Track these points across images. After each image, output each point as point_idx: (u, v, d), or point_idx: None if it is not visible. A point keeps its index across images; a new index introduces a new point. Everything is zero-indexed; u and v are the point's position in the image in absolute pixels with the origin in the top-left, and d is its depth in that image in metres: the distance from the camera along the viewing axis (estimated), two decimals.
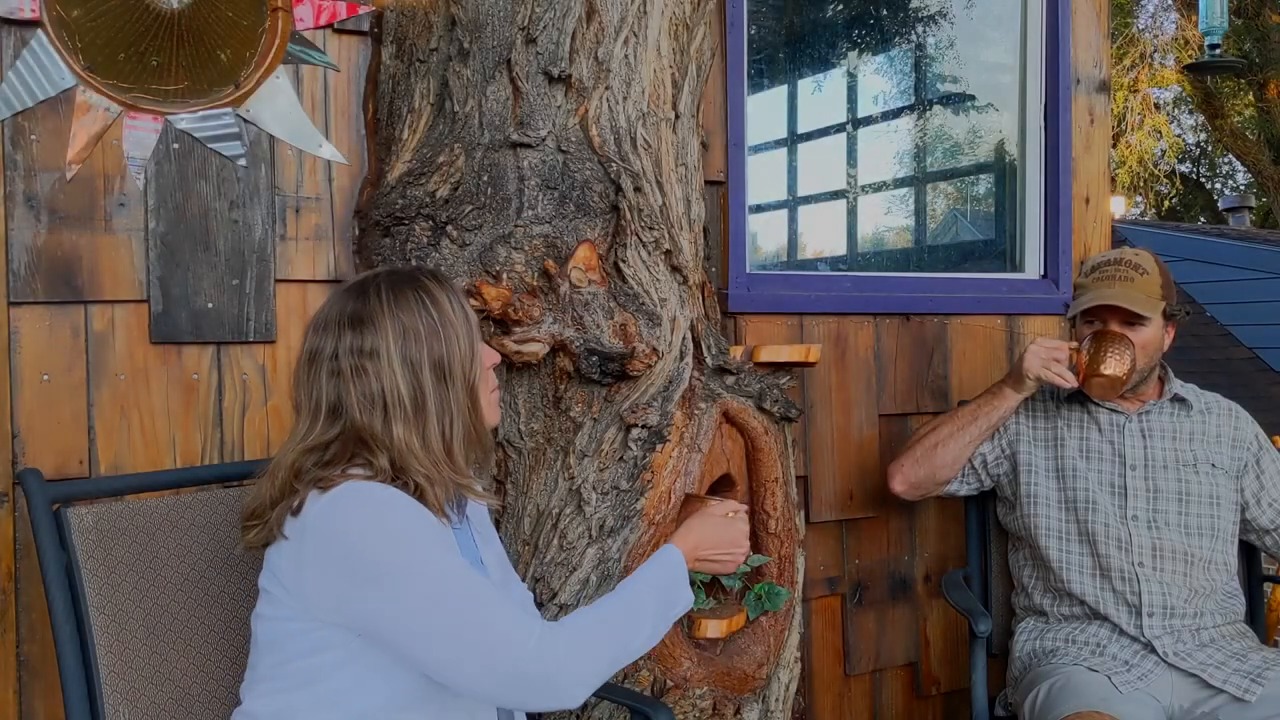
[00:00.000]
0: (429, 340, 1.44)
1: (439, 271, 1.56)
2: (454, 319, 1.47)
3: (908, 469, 2.37)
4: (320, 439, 1.44)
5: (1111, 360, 2.16)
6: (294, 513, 1.40)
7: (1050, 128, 3.02)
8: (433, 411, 1.44)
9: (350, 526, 1.37)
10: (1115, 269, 2.24)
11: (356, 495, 1.39)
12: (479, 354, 1.50)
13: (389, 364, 1.43)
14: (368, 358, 1.43)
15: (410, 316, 1.44)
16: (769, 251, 3.73)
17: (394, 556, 1.36)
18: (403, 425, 1.43)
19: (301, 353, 1.49)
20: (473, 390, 1.49)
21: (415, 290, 1.47)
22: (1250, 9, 11.90)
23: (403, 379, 1.43)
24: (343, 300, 1.48)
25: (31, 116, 1.88)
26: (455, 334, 1.47)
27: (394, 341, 1.43)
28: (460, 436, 1.47)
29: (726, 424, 2.15)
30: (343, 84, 2.13)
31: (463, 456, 1.48)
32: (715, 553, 1.66)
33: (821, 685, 2.70)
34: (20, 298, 1.87)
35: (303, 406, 1.47)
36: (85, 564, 1.66)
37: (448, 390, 1.46)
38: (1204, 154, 17.61)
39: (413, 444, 1.43)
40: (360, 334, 1.43)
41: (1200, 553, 2.19)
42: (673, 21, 2.14)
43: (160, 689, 1.68)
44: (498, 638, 1.35)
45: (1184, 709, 2.08)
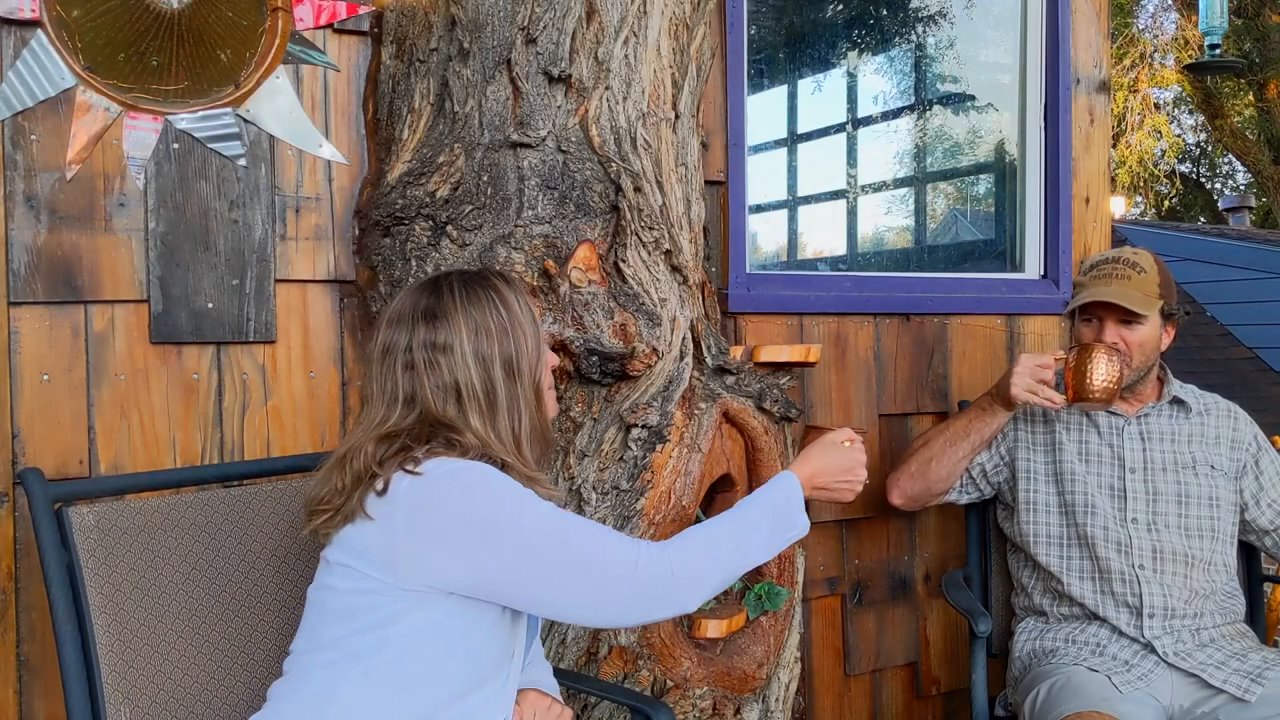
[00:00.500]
0: (499, 338, 1.51)
1: (508, 273, 1.64)
2: (522, 319, 1.55)
3: (904, 483, 2.38)
4: (396, 426, 1.49)
5: (1098, 377, 2.13)
6: (380, 493, 1.44)
7: (1050, 128, 3.02)
8: (503, 406, 1.51)
9: (450, 495, 1.43)
10: (1113, 267, 2.24)
11: (449, 468, 1.45)
12: (544, 354, 1.59)
13: (462, 358, 1.50)
14: (440, 351, 1.49)
15: (482, 314, 1.52)
16: (769, 251, 3.73)
17: (499, 512, 1.43)
18: (478, 416, 1.50)
19: (375, 345, 1.55)
20: (538, 388, 1.56)
21: (486, 289, 1.54)
22: (1250, 9, 11.90)
23: (475, 373, 1.50)
24: (416, 296, 1.55)
25: (31, 116, 1.88)
26: (523, 333, 1.54)
27: (466, 337, 1.50)
28: (527, 432, 1.54)
29: (726, 424, 2.15)
30: (343, 84, 2.13)
31: (530, 451, 1.55)
32: (832, 480, 1.69)
33: (821, 685, 2.70)
34: (20, 298, 1.87)
35: (375, 396, 1.53)
36: (86, 563, 1.66)
37: (516, 387, 1.52)
38: (1204, 154, 17.61)
39: (488, 434, 1.50)
40: (433, 328, 1.50)
41: (1200, 554, 2.19)
42: (673, 21, 2.14)
43: (161, 688, 1.68)
44: (609, 567, 1.44)
45: (1184, 709, 2.08)
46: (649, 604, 1.48)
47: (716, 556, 1.52)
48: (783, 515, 1.60)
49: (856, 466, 1.72)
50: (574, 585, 1.45)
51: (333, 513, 1.49)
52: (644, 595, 1.46)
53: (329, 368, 2.12)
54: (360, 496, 1.46)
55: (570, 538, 1.45)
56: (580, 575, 1.44)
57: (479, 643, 1.49)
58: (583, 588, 1.45)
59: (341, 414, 2.13)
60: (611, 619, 1.52)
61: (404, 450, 1.46)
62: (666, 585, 1.46)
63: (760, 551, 1.57)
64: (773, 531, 1.59)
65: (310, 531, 1.53)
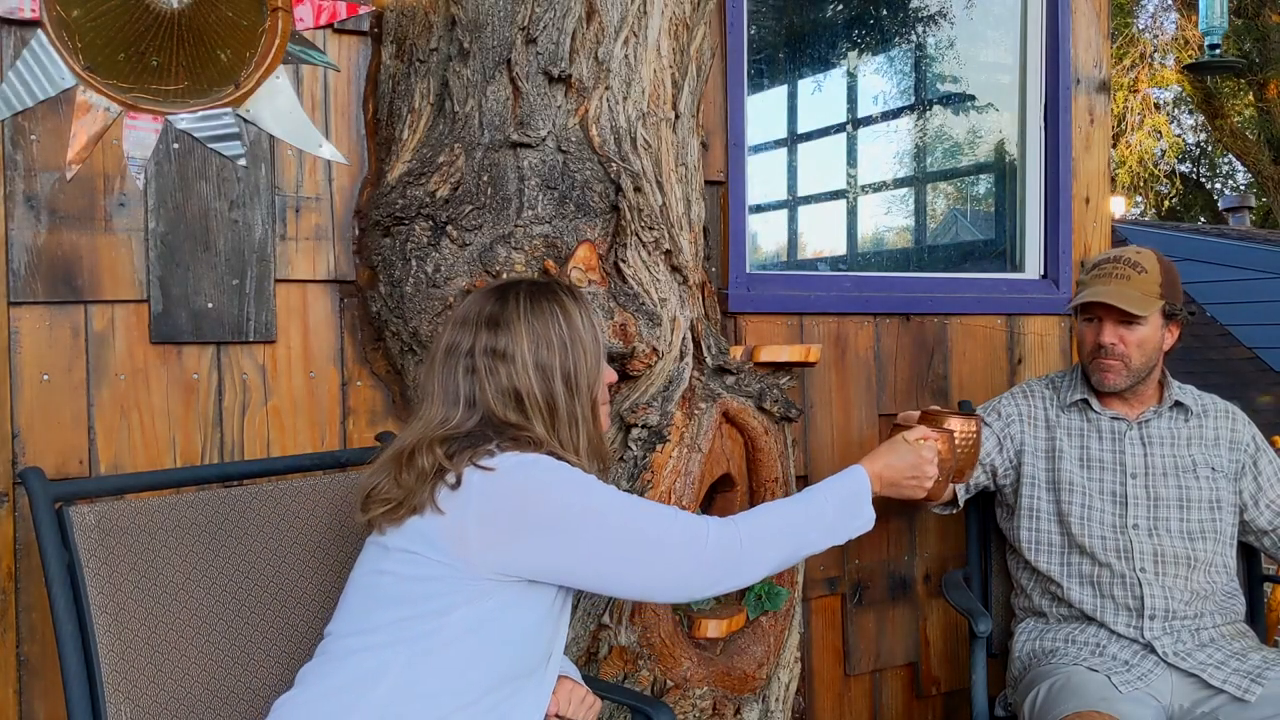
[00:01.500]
0: (560, 351, 1.54)
1: (576, 288, 1.65)
2: (584, 335, 1.57)
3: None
4: (460, 427, 1.52)
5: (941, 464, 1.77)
6: (452, 487, 1.47)
7: (1050, 128, 3.02)
8: (564, 418, 1.54)
9: (524, 484, 1.46)
10: (1113, 267, 2.23)
11: (518, 460, 1.48)
12: (603, 370, 1.61)
13: (523, 368, 1.52)
14: (500, 359, 1.52)
15: (545, 326, 1.54)
16: (769, 251, 3.73)
17: (573, 497, 1.47)
18: (540, 422, 1.53)
19: (439, 345, 1.58)
20: (594, 404, 1.58)
21: (551, 302, 1.56)
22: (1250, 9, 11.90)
23: (536, 383, 1.52)
24: (483, 301, 1.57)
25: (31, 116, 1.88)
26: (584, 349, 1.56)
27: (528, 347, 1.53)
28: (585, 446, 1.57)
29: (726, 424, 2.15)
30: (343, 84, 2.13)
31: (589, 464, 1.57)
32: (901, 477, 1.71)
33: (821, 685, 2.70)
34: (20, 298, 1.88)
35: (435, 395, 1.56)
36: (87, 563, 1.66)
37: (574, 401, 1.55)
38: (1204, 154, 17.61)
39: (553, 441, 1.53)
40: (496, 335, 1.53)
41: (1201, 556, 2.19)
42: (673, 21, 2.14)
43: (162, 688, 1.68)
44: (682, 543, 1.48)
45: (1184, 709, 2.08)
46: (716, 575, 1.51)
47: (782, 536, 1.56)
48: (849, 506, 1.63)
49: (925, 465, 1.73)
50: (650, 562, 1.48)
51: (395, 504, 1.50)
52: (713, 567, 1.50)
53: (329, 368, 2.12)
54: (431, 490, 1.48)
55: (641, 517, 1.50)
56: (655, 552, 1.48)
57: (528, 635, 1.51)
58: (659, 564, 1.49)
59: (341, 414, 2.13)
60: (681, 592, 1.54)
61: (474, 446, 1.48)
62: (734, 558, 1.50)
63: (823, 538, 1.60)
64: (838, 519, 1.61)
65: (367, 521, 1.55)
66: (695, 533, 1.50)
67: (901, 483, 1.72)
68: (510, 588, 1.47)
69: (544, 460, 1.49)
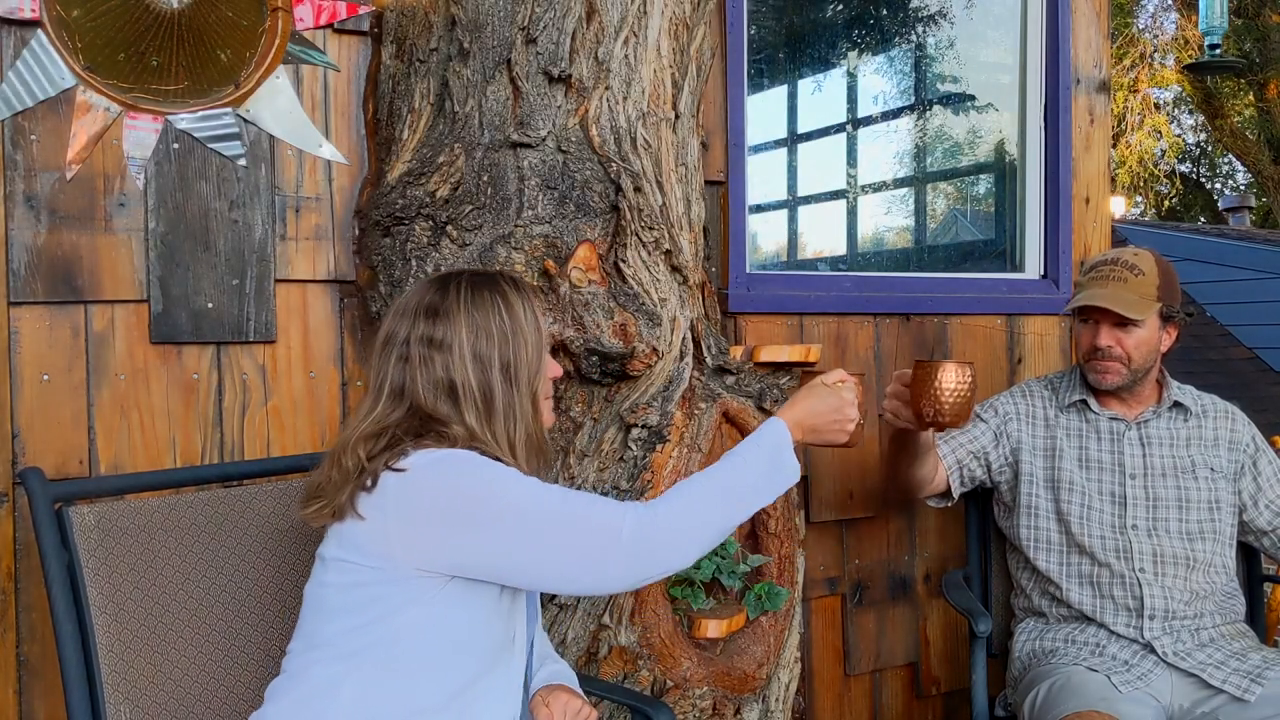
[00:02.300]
0: (500, 342, 1.52)
1: (520, 279, 1.62)
2: (526, 327, 1.54)
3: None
4: (384, 422, 1.50)
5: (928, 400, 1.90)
6: (369, 490, 1.46)
7: (1050, 128, 3.02)
8: (499, 410, 1.51)
9: (436, 480, 1.44)
10: (1110, 269, 2.23)
11: (432, 458, 1.46)
12: (545, 364, 1.58)
13: (460, 358, 1.50)
14: (437, 348, 1.50)
15: (485, 317, 1.52)
16: (769, 251, 3.73)
17: (484, 490, 1.44)
18: (475, 416, 1.50)
19: (379, 334, 1.56)
20: (535, 397, 1.55)
21: (493, 293, 1.54)
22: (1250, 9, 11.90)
23: (473, 374, 1.50)
24: (423, 291, 1.55)
25: (31, 116, 1.88)
26: (525, 341, 1.54)
27: (466, 337, 1.51)
28: (523, 439, 1.54)
29: (726, 424, 2.15)
30: (343, 84, 2.13)
31: (526, 457, 1.54)
32: (822, 422, 1.65)
33: (821, 685, 2.70)
34: (20, 298, 1.88)
35: (371, 386, 1.55)
36: (87, 563, 1.66)
37: (513, 393, 1.52)
38: (1204, 154, 17.62)
39: (486, 434, 1.50)
40: (434, 324, 1.51)
41: (1201, 556, 2.19)
42: (673, 21, 2.14)
43: (161, 688, 1.68)
44: (597, 532, 1.44)
45: (1184, 709, 2.08)
46: (642, 564, 1.46)
47: (706, 508, 1.50)
48: (772, 462, 1.57)
49: (846, 406, 1.66)
50: (564, 554, 1.44)
51: (324, 503, 1.50)
52: (634, 556, 1.44)
53: (329, 368, 2.12)
54: (351, 494, 1.47)
55: (555, 508, 1.45)
56: (569, 543, 1.44)
57: (477, 632, 1.50)
58: (573, 555, 1.44)
59: (341, 414, 2.13)
60: (607, 584, 1.50)
61: (391, 446, 1.47)
62: (655, 543, 1.45)
63: (753, 497, 1.55)
64: (762, 479, 1.56)
65: (303, 517, 1.54)
66: (611, 522, 1.44)
67: (823, 428, 1.65)
68: (450, 586, 1.45)
69: (457, 455, 1.46)
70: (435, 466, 1.45)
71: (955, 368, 1.90)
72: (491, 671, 1.53)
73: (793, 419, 1.62)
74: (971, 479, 2.36)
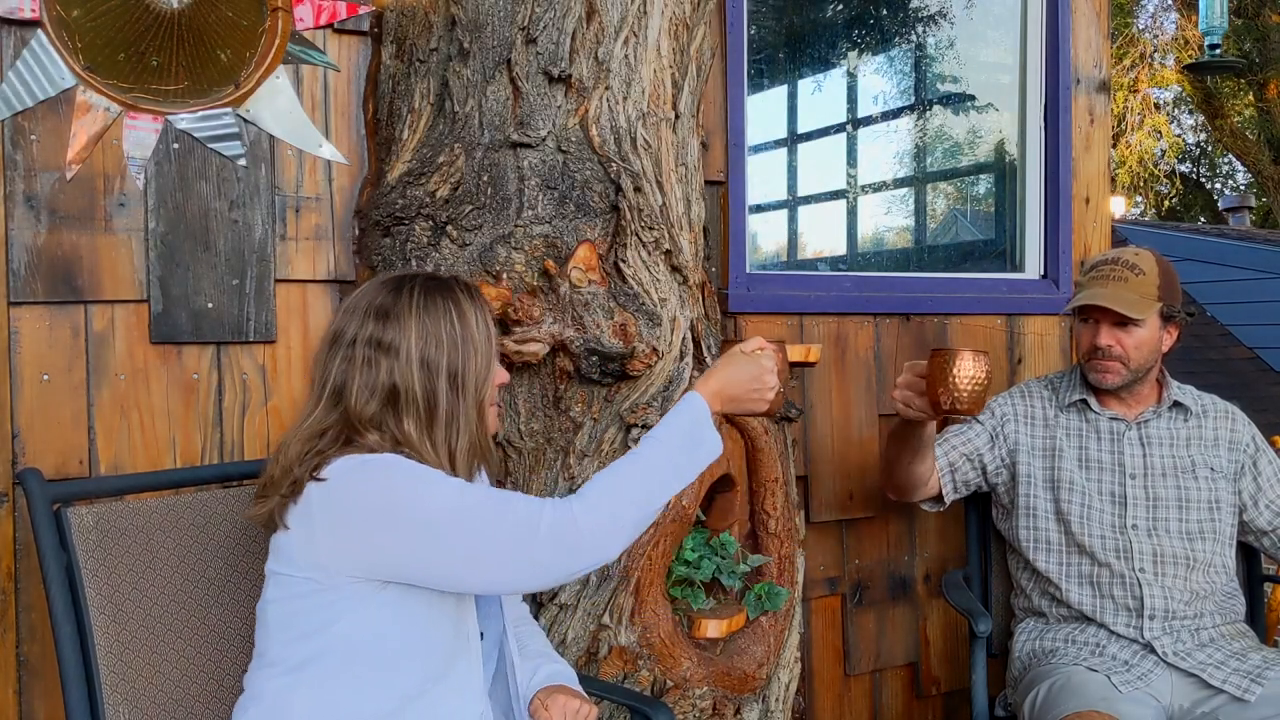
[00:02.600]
0: (449, 349, 1.49)
1: (474, 286, 1.60)
2: (477, 335, 1.52)
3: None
4: (319, 425, 1.49)
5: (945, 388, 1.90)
6: (294, 501, 1.46)
7: (1050, 128, 3.02)
8: (443, 418, 1.49)
9: (355, 485, 1.43)
10: (1111, 269, 2.23)
11: (351, 464, 1.44)
12: (493, 372, 1.55)
13: (407, 362, 1.48)
14: (384, 352, 1.48)
15: (435, 323, 1.50)
16: (769, 251, 3.73)
17: (399, 492, 1.42)
18: (413, 422, 1.48)
19: (326, 331, 1.54)
20: (481, 405, 1.54)
21: (447, 299, 1.52)
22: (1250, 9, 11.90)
23: (418, 379, 1.48)
24: (375, 291, 1.53)
25: (31, 116, 1.88)
26: (475, 349, 1.52)
27: (415, 342, 1.48)
28: (465, 448, 1.52)
29: (726, 424, 2.15)
30: (343, 84, 2.13)
31: (465, 464, 1.52)
32: (741, 391, 1.60)
33: (821, 685, 2.70)
34: (20, 298, 1.87)
35: (314, 384, 1.53)
36: (85, 564, 1.66)
37: (459, 400, 1.50)
38: (1204, 154, 17.61)
39: (424, 442, 1.48)
40: (384, 327, 1.49)
41: (1201, 556, 2.19)
42: (673, 21, 2.14)
43: (160, 689, 1.68)
44: (515, 525, 1.41)
45: (1184, 709, 2.08)
46: (563, 560, 1.43)
47: (626, 495, 1.46)
48: (691, 437, 1.53)
49: (765, 374, 1.61)
50: (482, 553, 1.41)
51: (260, 508, 1.51)
52: (554, 552, 1.41)
53: None
54: (279, 505, 1.48)
55: (471, 509, 1.42)
56: (486, 542, 1.41)
57: (425, 635, 1.49)
58: (491, 554, 1.42)
59: None
60: (528, 581, 1.47)
61: (320, 452, 1.46)
62: (575, 538, 1.42)
63: (674, 479, 1.51)
64: (683, 458, 1.52)
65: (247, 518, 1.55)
66: (528, 519, 1.41)
67: (742, 397, 1.60)
68: (387, 591, 1.45)
69: (379, 459, 1.44)
70: (356, 472, 1.43)
71: (972, 355, 1.90)
72: (448, 674, 1.52)
73: (710, 390, 1.58)
74: (965, 484, 2.36)
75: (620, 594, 1.99)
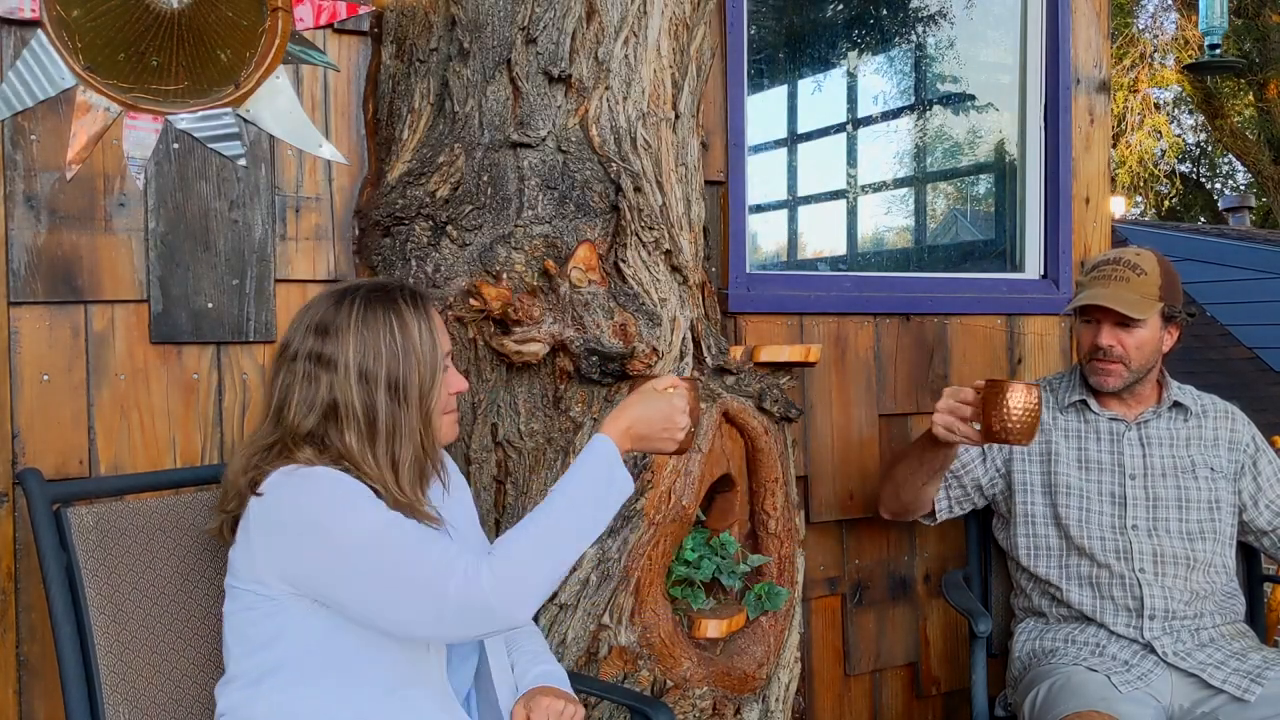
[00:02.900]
0: (388, 361, 1.48)
1: (421, 293, 1.58)
2: (420, 345, 1.51)
3: (886, 502, 2.39)
4: (263, 440, 1.52)
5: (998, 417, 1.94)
6: (239, 516, 1.51)
7: (1050, 128, 3.02)
8: (384, 431, 1.49)
9: (285, 497, 1.45)
10: (1112, 269, 2.23)
11: (283, 476, 1.46)
12: (439, 382, 1.53)
13: (345, 375, 1.47)
14: (324, 367, 1.48)
15: (374, 335, 1.49)
16: (769, 251, 3.73)
17: (323, 512, 1.42)
18: (354, 435, 1.48)
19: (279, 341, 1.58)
20: (428, 414, 1.52)
21: (388, 310, 1.50)
22: (1250, 9, 11.90)
23: (357, 393, 1.47)
24: (319, 305, 1.54)
25: (31, 116, 1.88)
26: (418, 360, 1.50)
27: (353, 357, 1.48)
28: (409, 459, 1.51)
29: (726, 424, 2.15)
30: (343, 84, 2.13)
31: (410, 476, 1.51)
32: (652, 430, 1.56)
33: (821, 685, 2.70)
34: (20, 298, 1.87)
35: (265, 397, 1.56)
36: (85, 564, 1.66)
37: (401, 412, 1.49)
38: (1204, 154, 17.61)
39: (365, 455, 1.48)
40: (323, 342, 1.49)
41: (1201, 556, 2.19)
42: (673, 21, 2.14)
43: (160, 689, 1.68)
44: (424, 580, 1.39)
45: (1184, 709, 2.08)
46: (468, 623, 1.41)
47: (536, 559, 1.43)
48: (601, 483, 1.49)
49: (676, 413, 1.57)
50: (390, 593, 1.40)
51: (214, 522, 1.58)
52: (458, 615, 1.39)
53: None
54: (227, 520, 1.53)
55: (387, 544, 1.40)
56: (394, 586, 1.39)
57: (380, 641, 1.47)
58: (399, 597, 1.40)
59: None
60: (433, 636, 1.47)
61: (259, 467, 1.48)
62: (481, 606, 1.38)
63: (591, 528, 1.48)
64: (593, 504, 1.48)
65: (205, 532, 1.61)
66: (438, 578, 1.38)
67: (652, 436, 1.56)
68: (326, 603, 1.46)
69: (306, 472, 1.45)
70: (286, 484, 1.45)
71: (1024, 387, 1.94)
72: (413, 681, 1.51)
73: (619, 429, 1.54)
74: (962, 507, 2.37)
75: (620, 594, 1.99)
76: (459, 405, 1.67)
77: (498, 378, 1.99)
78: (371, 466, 1.47)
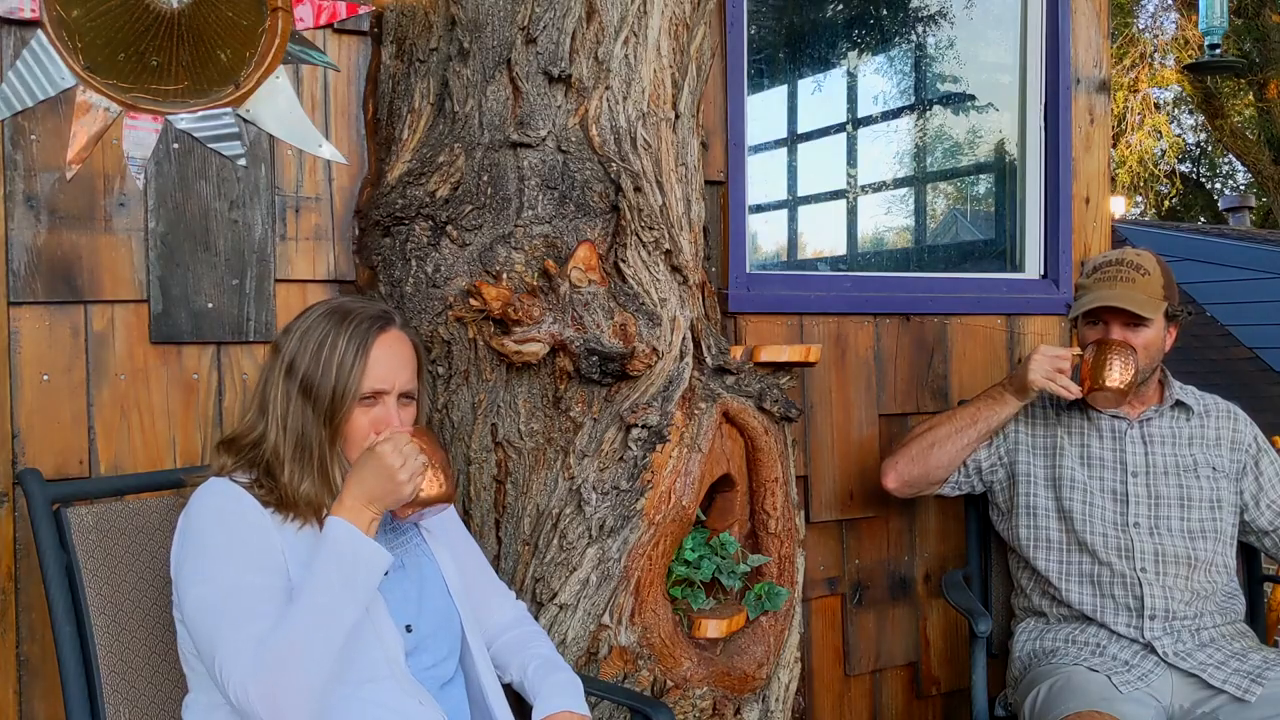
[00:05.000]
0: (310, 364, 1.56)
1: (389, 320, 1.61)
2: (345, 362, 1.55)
3: (902, 466, 2.35)
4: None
5: (1114, 371, 2.14)
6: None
7: (1050, 128, 3.02)
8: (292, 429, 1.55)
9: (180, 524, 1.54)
10: (1117, 269, 2.23)
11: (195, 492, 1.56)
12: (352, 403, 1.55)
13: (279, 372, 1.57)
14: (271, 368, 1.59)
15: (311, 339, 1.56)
16: (769, 251, 3.73)
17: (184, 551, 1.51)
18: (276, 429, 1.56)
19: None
20: (335, 430, 1.56)
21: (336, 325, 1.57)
22: (1250, 9, 11.90)
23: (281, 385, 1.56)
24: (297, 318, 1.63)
25: (31, 116, 1.88)
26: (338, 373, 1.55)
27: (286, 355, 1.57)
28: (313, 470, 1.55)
29: (726, 424, 2.15)
30: (343, 84, 2.13)
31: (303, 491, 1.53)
32: (378, 490, 1.50)
33: (821, 685, 2.70)
34: (20, 298, 1.87)
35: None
36: (85, 564, 1.66)
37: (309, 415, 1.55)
38: (1204, 154, 17.62)
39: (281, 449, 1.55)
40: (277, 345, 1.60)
41: (1202, 556, 2.19)
42: (673, 21, 2.14)
43: (160, 689, 1.68)
44: (223, 661, 1.41)
45: (1184, 709, 2.08)
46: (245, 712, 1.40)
47: (303, 653, 1.41)
48: (348, 564, 1.47)
49: (387, 466, 1.49)
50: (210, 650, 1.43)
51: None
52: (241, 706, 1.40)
53: None
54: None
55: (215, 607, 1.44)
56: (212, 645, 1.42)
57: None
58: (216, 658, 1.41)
59: None
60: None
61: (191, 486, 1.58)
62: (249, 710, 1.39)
63: (348, 613, 1.45)
64: (346, 584, 1.46)
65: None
66: (225, 667, 1.40)
67: (383, 494, 1.50)
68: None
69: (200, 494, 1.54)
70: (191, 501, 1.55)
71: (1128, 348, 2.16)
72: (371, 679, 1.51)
73: (347, 506, 1.50)
74: (958, 490, 2.37)
75: (620, 594, 1.99)
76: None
77: (498, 378, 1.99)
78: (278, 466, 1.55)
